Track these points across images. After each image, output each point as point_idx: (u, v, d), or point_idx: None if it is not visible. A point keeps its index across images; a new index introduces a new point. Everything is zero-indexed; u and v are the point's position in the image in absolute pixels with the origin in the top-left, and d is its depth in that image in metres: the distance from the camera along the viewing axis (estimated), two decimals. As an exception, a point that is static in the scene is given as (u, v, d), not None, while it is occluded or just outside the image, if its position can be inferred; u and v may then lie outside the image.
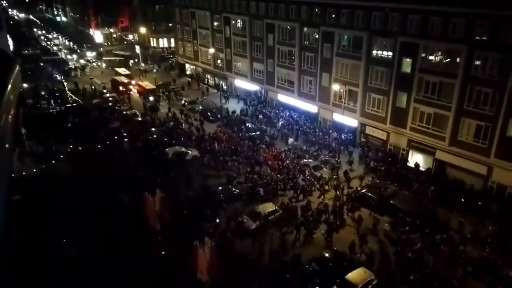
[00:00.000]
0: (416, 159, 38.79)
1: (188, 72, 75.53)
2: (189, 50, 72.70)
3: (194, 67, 72.92)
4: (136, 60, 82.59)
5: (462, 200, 31.82)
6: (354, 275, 23.00)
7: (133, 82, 64.88)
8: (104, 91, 62.17)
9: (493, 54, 31.51)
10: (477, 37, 32.31)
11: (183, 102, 57.39)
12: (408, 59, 37.57)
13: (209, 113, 52.22)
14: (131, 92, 62.19)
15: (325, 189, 34.10)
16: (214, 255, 21.97)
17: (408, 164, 39.11)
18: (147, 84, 62.52)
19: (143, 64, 79.66)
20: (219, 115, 51.72)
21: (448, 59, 34.95)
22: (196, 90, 65.91)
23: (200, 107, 55.11)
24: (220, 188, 33.31)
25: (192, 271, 22.23)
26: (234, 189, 33.20)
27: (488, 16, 31.30)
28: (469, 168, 34.59)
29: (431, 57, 36.13)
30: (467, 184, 34.48)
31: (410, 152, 39.41)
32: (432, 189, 33.42)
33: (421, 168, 37.96)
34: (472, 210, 30.42)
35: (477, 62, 32.77)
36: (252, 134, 45.09)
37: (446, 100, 35.10)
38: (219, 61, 65.11)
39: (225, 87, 64.51)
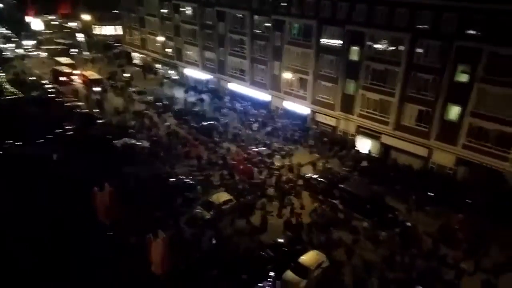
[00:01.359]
0: (363, 144, 40.31)
1: (135, 61, 72.97)
2: (136, 38, 70.18)
3: (143, 56, 70.55)
4: (79, 49, 78.35)
5: (406, 182, 33.51)
6: (307, 258, 23.60)
7: (76, 72, 61.60)
8: (45, 82, 58.41)
9: (434, 42, 33.22)
10: (419, 26, 33.87)
11: (132, 92, 55.36)
12: (355, 47, 38.72)
13: (160, 104, 50.85)
14: (75, 83, 59.07)
15: (278, 175, 34.43)
16: (168, 248, 21.58)
17: (356, 148, 40.51)
18: (92, 74, 59.50)
19: (86, 53, 75.76)
20: (171, 107, 50.32)
21: (393, 47, 36.39)
22: (149, 80, 63.75)
23: (150, 98, 53.51)
24: (173, 179, 32.67)
25: (147, 265, 21.79)
26: (187, 179, 32.71)
27: (429, 6, 32.86)
28: (411, 151, 36.54)
29: (377, 45, 37.44)
30: (410, 165, 36.40)
31: (358, 137, 40.90)
32: (379, 173, 34.96)
33: (368, 152, 39.53)
34: (416, 190, 32.19)
35: (419, 50, 34.42)
36: (206, 124, 44.42)
37: (391, 87, 36.65)
38: (168, 50, 63.44)
39: (176, 77, 63.11)
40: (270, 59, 47.23)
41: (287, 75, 44.96)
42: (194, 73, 59.79)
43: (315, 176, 33.61)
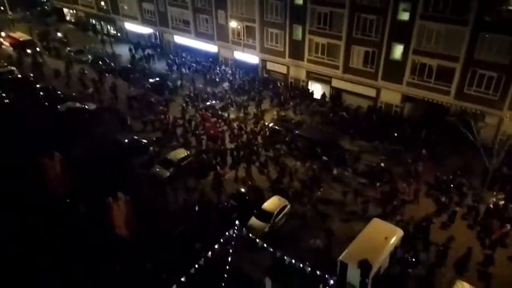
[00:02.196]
0: (315, 89, 40.91)
1: (68, 18, 67.30)
2: (65, -8, 64.29)
3: (75, 11, 65.10)
4: (1, 8, 70.49)
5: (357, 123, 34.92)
6: (269, 204, 24.43)
7: (2, 34, 55.90)
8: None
9: (376, -19, 33.31)
10: (361, -34, 33.63)
11: (68, 51, 51.46)
12: (299, -10, 37.97)
13: (100, 62, 47.88)
14: (2, 46, 53.80)
15: (237, 128, 34.39)
16: (130, 209, 21.37)
17: (307, 94, 41.07)
18: (21, 35, 54.26)
19: (10, 13, 68.44)
20: (112, 64, 47.52)
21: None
22: (87, 38, 59.28)
23: (89, 56, 50.14)
24: (126, 140, 31.67)
25: (110, 228, 21.58)
26: (142, 140, 31.88)
27: None
28: (361, 92, 37.68)
29: (321, -13, 36.91)
30: (361, 107, 37.77)
31: (310, 83, 41.36)
32: (331, 116, 36.06)
33: (320, 97, 40.30)
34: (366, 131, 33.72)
35: (362, -10, 34.43)
36: (155, 81, 42.68)
37: (337, 30, 36.76)
38: (102, 3, 58.82)
39: (114, 32, 59.22)
40: (214, 8, 45.32)
41: (234, 24, 43.64)
42: (134, 27, 56.32)
43: (271, 125, 33.99)
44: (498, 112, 30.12)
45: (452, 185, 26.83)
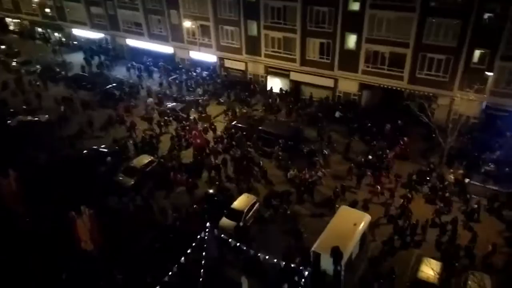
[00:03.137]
0: (274, 83, 41.15)
1: (11, 28, 63.86)
2: (6, 0, 60.75)
3: (18, 20, 61.81)
4: None
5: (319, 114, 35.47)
6: (238, 203, 24.37)
7: None
8: None
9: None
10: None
11: (14, 63, 48.81)
12: (250, -14, 37.94)
13: (51, 72, 45.82)
14: None
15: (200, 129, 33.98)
16: (95, 222, 20.62)
17: (267, 89, 41.28)
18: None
19: None
20: (63, 73, 45.55)
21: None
22: (35, 47, 56.41)
23: (37, 66, 47.80)
24: (85, 151, 30.53)
25: (74, 243, 20.74)
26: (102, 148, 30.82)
27: None
28: (320, 84, 38.27)
29: (271, -18, 37.06)
30: (320, 98, 38.38)
31: (269, 77, 41.53)
32: (295, 110, 36.46)
33: (279, 91, 40.59)
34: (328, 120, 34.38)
35: (312, -17, 34.90)
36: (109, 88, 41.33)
37: (292, 24, 37.06)
38: (47, 10, 56.18)
39: (63, 39, 56.79)
40: (166, 8, 44.41)
41: (188, 24, 42.98)
42: (84, 33, 54.25)
43: (234, 123, 33.86)
44: (449, 93, 31.52)
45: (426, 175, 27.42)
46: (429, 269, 19.01)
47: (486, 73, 29.47)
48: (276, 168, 29.13)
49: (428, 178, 26.63)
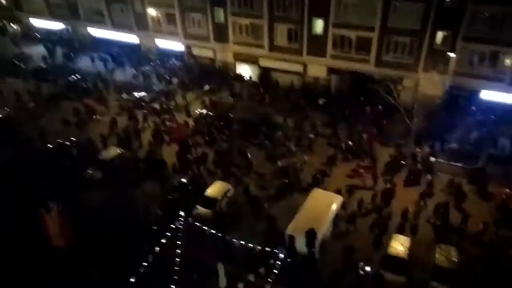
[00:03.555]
0: (243, 70, 40.93)
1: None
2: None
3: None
4: None
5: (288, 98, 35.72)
6: (212, 190, 24.31)
7: None
8: None
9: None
10: None
11: None
12: (215, -28, 37.34)
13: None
14: None
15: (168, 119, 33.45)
16: (65, 217, 20.09)
17: (238, 75, 41.05)
18: None
19: None
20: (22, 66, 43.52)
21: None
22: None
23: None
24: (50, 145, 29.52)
25: (46, 240, 20.16)
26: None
27: None
28: (289, 69, 38.37)
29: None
30: (290, 83, 38.48)
31: (237, 64, 41.25)
32: (263, 95, 36.47)
33: (249, 78, 40.43)
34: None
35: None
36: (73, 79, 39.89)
37: (258, 10, 36.78)
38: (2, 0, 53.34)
39: (21, 31, 54.09)
40: (129, -5, 43.13)
41: (152, 12, 41.92)
42: (43, 23, 51.86)
43: (204, 111, 33.54)
44: (414, 75, 32.35)
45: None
46: (399, 245, 19.70)
47: (449, 54, 30.38)
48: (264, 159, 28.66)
49: (403, 162, 27.16)
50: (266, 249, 19.06)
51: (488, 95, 31.03)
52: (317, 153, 28.98)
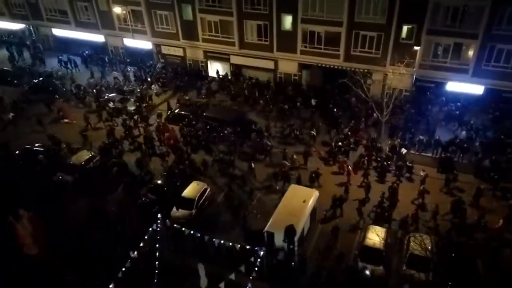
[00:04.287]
0: (215, 68, 40.64)
1: None
2: None
3: None
4: None
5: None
6: (189, 190, 24.07)
7: None
8: None
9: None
10: None
11: None
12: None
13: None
14: None
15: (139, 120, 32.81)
16: (37, 224, 19.41)
17: (209, 74, 40.77)
18: None
19: None
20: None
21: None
22: None
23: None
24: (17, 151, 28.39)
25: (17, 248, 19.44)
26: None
27: None
28: (260, 66, 38.42)
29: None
30: (263, 80, 38.51)
31: (209, 62, 40.91)
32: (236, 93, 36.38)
33: (221, 75, 40.18)
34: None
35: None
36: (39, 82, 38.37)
37: (227, 6, 36.55)
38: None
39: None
40: (93, -7, 41.87)
41: (118, 9, 40.88)
42: (3, 24, 49.60)
43: (177, 111, 33.12)
44: (382, 69, 33.09)
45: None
46: (375, 236, 20.20)
47: (414, 47, 31.24)
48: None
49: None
50: (246, 246, 19.13)
51: (453, 86, 32.22)
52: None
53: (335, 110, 32.30)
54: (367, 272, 19.26)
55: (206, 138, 29.93)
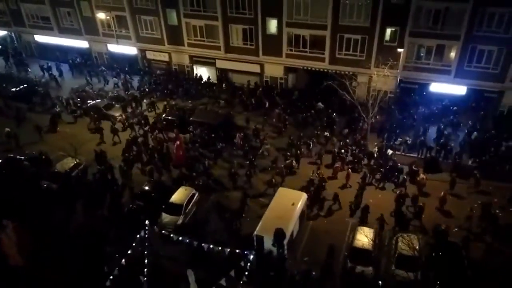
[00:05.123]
0: (201, 72, 40.55)
1: None
2: None
3: None
4: None
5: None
6: (176, 196, 23.85)
7: None
8: None
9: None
10: None
11: None
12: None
13: None
14: None
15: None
16: (22, 234, 19.00)
17: (195, 78, 40.62)
18: None
19: None
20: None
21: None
22: None
23: None
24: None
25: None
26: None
27: None
28: (246, 70, 38.48)
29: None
30: (249, 84, 38.59)
31: (194, 67, 40.82)
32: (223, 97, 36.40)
33: (206, 79, 40.13)
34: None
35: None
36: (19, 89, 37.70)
37: (212, 10, 36.59)
38: None
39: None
40: (75, -1, 41.44)
41: (101, 15, 40.54)
42: (-18, 31, 48.83)
43: (163, 116, 32.89)
44: (367, 71, 33.45)
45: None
46: (364, 237, 20.30)
47: (398, 49, 31.67)
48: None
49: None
50: (236, 251, 19.04)
51: (437, 87, 32.75)
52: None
53: (334, 114, 32.54)
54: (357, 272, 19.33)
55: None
